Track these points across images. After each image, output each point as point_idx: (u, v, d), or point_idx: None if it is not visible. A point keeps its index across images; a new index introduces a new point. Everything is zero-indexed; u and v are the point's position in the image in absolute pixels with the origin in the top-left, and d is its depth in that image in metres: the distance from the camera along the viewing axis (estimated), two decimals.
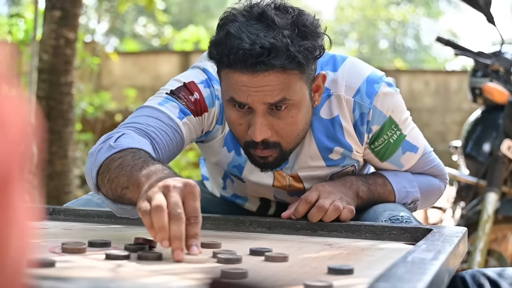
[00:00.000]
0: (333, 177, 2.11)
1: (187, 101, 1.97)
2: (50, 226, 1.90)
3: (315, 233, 1.84)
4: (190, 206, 1.39)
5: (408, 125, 2.09)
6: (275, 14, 1.78)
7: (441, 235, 1.59)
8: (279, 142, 1.88)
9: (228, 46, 1.76)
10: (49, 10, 5.18)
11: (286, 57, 1.74)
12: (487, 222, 3.50)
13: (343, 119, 2.00)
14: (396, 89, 2.05)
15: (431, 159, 2.19)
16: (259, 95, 1.78)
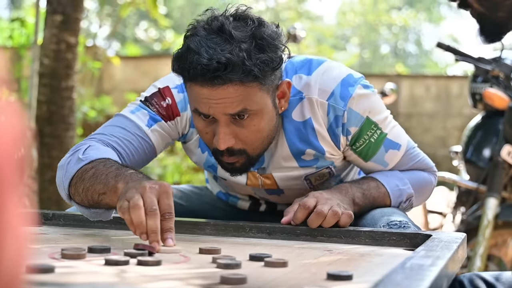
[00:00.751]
0: (308, 178, 2.16)
1: (158, 107, 2.07)
2: (49, 231, 1.90)
3: (315, 238, 1.84)
4: (164, 203, 1.58)
5: (388, 124, 2.11)
6: (234, 27, 1.83)
7: (440, 241, 1.59)
8: (245, 149, 1.93)
9: (188, 61, 1.82)
10: (50, 15, 5.19)
11: (242, 71, 1.79)
12: (487, 227, 3.51)
13: (315, 122, 2.04)
14: (373, 90, 2.08)
15: (415, 154, 2.20)
16: (219, 106, 1.84)
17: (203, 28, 1.86)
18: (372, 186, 2.08)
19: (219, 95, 1.83)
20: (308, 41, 23.50)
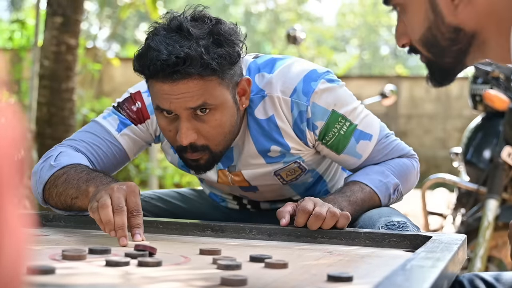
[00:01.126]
0: (278, 174, 2.18)
1: (129, 111, 2.16)
2: (50, 233, 1.90)
3: (315, 240, 1.84)
4: (131, 201, 1.72)
5: (358, 115, 2.12)
6: (192, 25, 1.90)
7: (440, 242, 1.59)
8: (207, 145, 1.97)
9: (148, 58, 1.88)
10: (50, 16, 5.19)
11: (200, 65, 1.85)
12: (488, 228, 3.51)
13: (278, 119, 2.07)
14: (339, 83, 2.10)
15: (389, 143, 2.19)
16: (180, 101, 1.89)
17: (163, 28, 1.93)
18: (356, 189, 2.06)
19: (179, 90, 1.88)
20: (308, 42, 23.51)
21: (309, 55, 24.41)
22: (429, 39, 1.40)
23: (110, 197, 1.70)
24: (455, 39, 1.37)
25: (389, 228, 1.92)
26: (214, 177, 2.23)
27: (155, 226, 1.99)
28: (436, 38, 1.39)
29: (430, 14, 1.37)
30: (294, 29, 6.06)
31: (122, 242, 1.64)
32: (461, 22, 1.36)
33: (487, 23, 1.35)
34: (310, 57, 24.48)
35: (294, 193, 2.32)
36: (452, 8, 1.35)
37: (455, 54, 1.40)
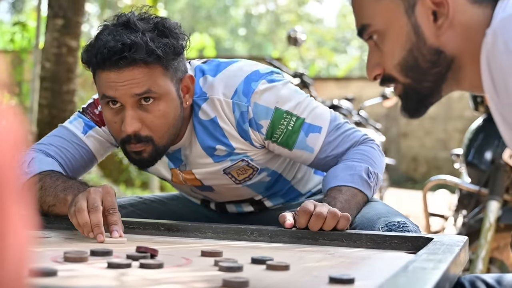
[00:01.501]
0: (228, 172, 2.22)
1: (92, 115, 2.24)
2: (52, 235, 1.90)
3: (316, 242, 1.84)
4: (107, 201, 1.82)
5: (305, 109, 2.13)
6: (138, 20, 2.00)
7: (442, 244, 1.59)
8: (151, 136, 2.03)
9: (96, 48, 1.98)
10: (51, 19, 5.20)
11: (145, 51, 1.94)
12: (489, 230, 3.51)
13: (220, 120, 2.12)
14: (280, 81, 2.14)
15: (342, 132, 2.18)
16: (125, 88, 1.96)
17: (111, 24, 2.03)
18: (334, 195, 2.04)
19: (125, 77, 1.95)
20: (309, 44, 23.52)
21: (310, 56, 24.41)
22: (409, 63, 1.41)
23: (86, 200, 1.80)
24: (436, 62, 1.39)
25: (389, 228, 1.92)
26: (168, 175, 2.30)
27: (157, 228, 1.99)
28: (417, 60, 1.40)
29: (412, 36, 1.39)
30: (295, 31, 6.06)
31: (99, 239, 1.74)
32: (442, 45, 1.38)
33: (465, 48, 1.37)
34: (310, 58, 24.50)
35: (254, 193, 2.35)
36: (435, 30, 1.37)
37: (434, 78, 1.42)
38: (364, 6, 1.44)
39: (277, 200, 2.38)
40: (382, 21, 1.42)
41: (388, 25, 1.41)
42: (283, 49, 26.11)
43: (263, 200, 2.37)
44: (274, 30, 30.58)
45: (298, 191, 2.39)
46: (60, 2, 5.21)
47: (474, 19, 1.35)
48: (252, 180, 2.27)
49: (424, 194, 4.28)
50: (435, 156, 14.05)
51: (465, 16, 1.35)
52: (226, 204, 2.41)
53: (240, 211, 2.41)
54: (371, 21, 1.43)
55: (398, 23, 1.40)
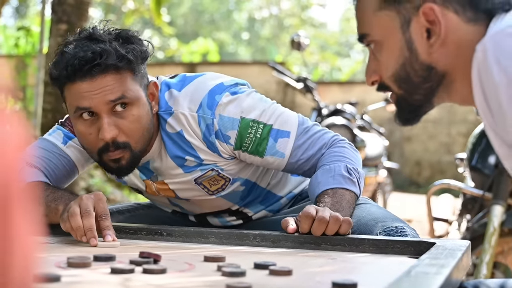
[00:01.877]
0: (200, 182, 2.23)
1: (70, 127, 2.25)
2: (55, 240, 1.91)
3: (319, 247, 1.84)
4: (100, 207, 1.88)
5: (271, 115, 2.15)
6: (102, 33, 2.05)
7: (444, 248, 1.59)
8: (128, 142, 2.04)
9: (65, 62, 1.99)
10: (55, 23, 5.21)
11: (116, 57, 1.99)
12: (493, 234, 3.50)
13: (186, 134, 2.14)
14: (244, 92, 2.16)
15: (311, 135, 2.18)
16: (100, 96, 1.98)
17: (73, 39, 2.06)
18: (323, 201, 2.03)
19: (98, 85, 1.98)
20: (312, 48, 23.52)
21: (313, 60, 24.41)
22: (401, 76, 1.45)
23: (79, 205, 1.85)
24: (427, 77, 1.43)
25: (387, 234, 1.92)
26: (142, 186, 2.31)
27: (160, 234, 2.00)
28: (409, 74, 1.44)
29: (405, 51, 1.42)
30: (298, 35, 6.07)
31: (92, 243, 1.80)
32: (433, 61, 1.41)
33: (456, 64, 1.40)
34: (314, 62, 24.50)
35: (230, 203, 2.35)
36: (427, 47, 1.40)
37: (425, 92, 1.45)
38: (364, 16, 1.48)
39: (257, 207, 2.38)
40: (379, 33, 1.46)
41: (384, 37, 1.45)
42: (286, 53, 26.12)
43: (241, 210, 2.37)
44: (277, 34, 30.60)
45: (277, 195, 2.39)
46: (64, 7, 5.22)
47: (468, 37, 1.38)
48: (226, 191, 2.28)
49: (428, 198, 4.27)
50: (438, 160, 14.04)
51: (459, 34, 1.38)
52: (206, 216, 2.41)
53: (223, 222, 2.41)
54: (369, 31, 1.47)
55: (393, 37, 1.43)
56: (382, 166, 6.91)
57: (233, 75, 2.28)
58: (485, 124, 1.34)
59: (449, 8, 1.37)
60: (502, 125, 1.29)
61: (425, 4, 1.38)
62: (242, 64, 16.31)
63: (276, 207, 2.38)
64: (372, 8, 1.46)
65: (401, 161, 13.48)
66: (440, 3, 1.37)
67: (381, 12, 1.44)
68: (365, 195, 6.30)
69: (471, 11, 1.38)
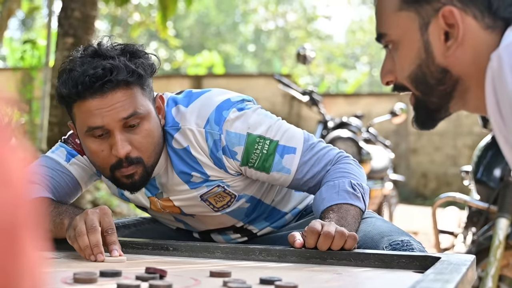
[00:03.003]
0: (205, 199, 2.23)
1: (73, 144, 2.26)
2: (61, 255, 1.92)
3: (325, 261, 1.85)
4: (105, 222, 1.87)
5: (277, 131, 2.15)
6: (107, 49, 2.03)
7: (449, 263, 1.60)
8: (141, 157, 2.04)
9: (74, 80, 1.97)
10: (61, 37, 5.23)
11: (127, 72, 1.98)
12: (499, 248, 3.50)
13: (193, 150, 2.14)
14: (250, 108, 2.17)
15: (316, 152, 2.19)
16: (112, 113, 1.98)
17: (78, 56, 2.03)
18: (328, 217, 2.02)
19: (110, 102, 1.97)
20: (318, 60, 23.54)
21: (319, 72, 24.44)
22: (418, 76, 1.46)
23: (84, 221, 1.85)
24: (442, 80, 1.43)
25: (393, 248, 1.92)
26: (147, 203, 2.30)
27: (165, 249, 2.00)
28: (425, 75, 1.44)
29: (422, 52, 1.43)
30: (304, 48, 6.08)
31: (99, 258, 1.80)
32: (449, 65, 1.41)
33: (471, 71, 1.40)
34: (320, 74, 24.52)
35: (235, 220, 2.35)
36: (444, 50, 1.40)
37: (440, 95, 1.46)
38: (384, 16, 1.48)
39: (262, 224, 2.38)
40: (398, 33, 1.46)
41: (402, 37, 1.45)
42: (292, 65, 26.15)
43: (246, 227, 2.37)
44: (283, 46, 30.64)
45: (282, 211, 2.38)
46: (70, 20, 5.24)
47: (484, 44, 1.38)
48: (231, 208, 2.27)
49: (433, 211, 4.27)
50: (445, 172, 14.02)
51: (476, 40, 1.38)
52: (210, 233, 2.41)
53: (228, 240, 2.41)
54: (387, 31, 1.48)
55: (411, 37, 1.43)
56: (388, 178, 6.91)
57: (239, 88, 2.31)
58: (497, 132, 1.35)
59: (468, 12, 1.38)
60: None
61: (445, 7, 1.38)
62: (248, 76, 16.33)
63: (281, 223, 2.38)
64: (392, 8, 1.46)
65: (407, 173, 13.48)
66: (460, 7, 1.37)
67: (401, 13, 1.45)
68: (371, 207, 6.31)
69: (489, 17, 1.38)
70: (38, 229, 0.63)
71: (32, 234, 0.62)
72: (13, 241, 0.59)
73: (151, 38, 27.47)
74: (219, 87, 2.27)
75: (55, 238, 1.99)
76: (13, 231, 0.59)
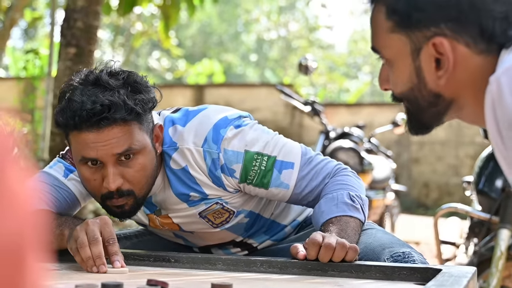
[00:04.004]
0: (204, 216, 2.23)
1: (71, 159, 2.21)
2: (63, 267, 1.92)
3: (326, 273, 1.85)
4: (106, 232, 1.88)
5: (274, 147, 2.16)
6: (109, 77, 2.01)
7: (450, 275, 1.60)
8: (132, 189, 2.05)
9: (72, 111, 1.96)
10: (64, 47, 5.24)
11: (125, 110, 1.96)
12: (500, 258, 3.50)
13: (191, 169, 2.14)
14: (246, 124, 2.17)
15: (314, 165, 2.19)
16: (107, 148, 1.98)
17: (79, 83, 2.01)
18: (328, 229, 2.02)
19: (105, 137, 1.97)
20: (320, 69, 23.56)
21: (321, 81, 24.46)
22: (410, 97, 1.47)
23: (85, 232, 1.85)
24: (435, 103, 1.45)
25: (394, 259, 1.92)
26: (145, 220, 2.31)
27: (167, 260, 2.00)
28: (417, 99, 1.46)
29: (414, 77, 1.44)
30: (306, 59, 6.08)
31: (102, 270, 1.81)
32: (441, 90, 1.42)
33: (466, 92, 1.41)
34: (321, 83, 24.54)
35: (234, 235, 2.34)
36: (435, 77, 1.41)
37: (433, 115, 1.47)
38: (377, 34, 1.49)
39: (261, 237, 2.38)
40: (390, 54, 1.46)
41: (395, 58, 1.46)
42: (294, 75, 26.17)
43: (246, 241, 2.37)
44: (285, 56, 30.67)
45: (281, 224, 2.38)
46: (72, 31, 5.25)
47: (479, 68, 1.38)
48: (230, 223, 2.28)
49: (435, 221, 4.27)
50: (446, 182, 14.02)
51: (469, 65, 1.39)
52: (211, 248, 2.41)
53: (228, 254, 2.39)
54: (381, 49, 1.48)
55: (403, 61, 1.44)
56: (389, 188, 6.92)
57: (241, 97, 2.31)
58: (497, 154, 1.35)
59: (460, 40, 1.38)
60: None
61: (435, 37, 1.39)
62: (250, 86, 16.35)
63: (281, 236, 2.38)
64: (384, 29, 1.46)
65: (409, 183, 13.47)
66: (451, 36, 1.38)
67: (393, 35, 1.45)
68: (373, 217, 6.31)
69: (483, 43, 1.38)
70: (41, 244, 0.64)
71: (36, 250, 0.62)
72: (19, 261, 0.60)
73: (153, 47, 27.52)
74: (221, 97, 2.28)
75: (56, 249, 1.99)
76: (19, 251, 0.60)
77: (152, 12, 17.72)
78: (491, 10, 1.37)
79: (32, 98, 9.84)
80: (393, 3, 1.44)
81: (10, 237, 0.59)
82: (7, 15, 10.44)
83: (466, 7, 1.37)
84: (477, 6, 1.37)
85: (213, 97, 13.93)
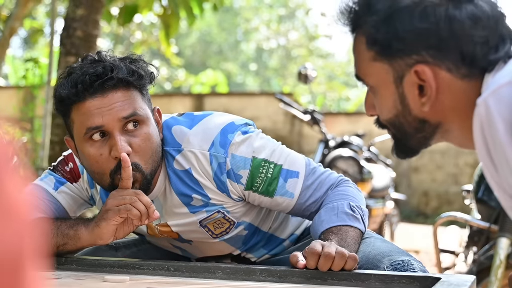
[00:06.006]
0: (204, 225, 2.21)
1: (63, 172, 2.24)
2: (62, 276, 1.92)
3: (325, 282, 1.85)
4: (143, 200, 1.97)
5: (280, 155, 2.15)
6: (105, 55, 2.06)
7: (449, 284, 1.60)
8: (139, 163, 2.03)
9: (73, 81, 1.99)
10: (63, 56, 5.25)
11: (127, 71, 2.01)
12: (499, 267, 3.50)
13: (195, 172, 2.13)
14: (254, 131, 2.17)
15: (318, 176, 2.19)
16: (112, 112, 1.99)
17: (78, 63, 2.05)
18: (328, 237, 2.03)
19: (109, 101, 1.98)
20: (320, 78, 23.58)
21: (321, 90, 24.47)
22: (395, 124, 1.48)
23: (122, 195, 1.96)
24: (421, 129, 1.46)
25: (394, 268, 1.92)
26: (144, 228, 2.29)
27: (167, 269, 2.00)
28: (403, 125, 1.47)
29: (398, 104, 1.45)
30: (305, 68, 6.10)
31: (156, 215, 1.98)
32: (426, 116, 1.43)
33: (452, 116, 1.42)
34: (321, 91, 24.55)
35: (232, 248, 2.33)
36: (419, 104, 1.43)
37: (420, 140, 1.49)
38: (360, 62, 1.51)
39: (260, 252, 2.36)
40: (374, 82, 1.48)
41: (378, 86, 1.47)
42: (293, 84, 26.19)
43: (244, 255, 2.35)
44: (285, 65, 30.70)
45: (280, 238, 2.36)
46: (72, 39, 5.27)
47: (462, 92, 1.40)
48: (229, 235, 2.26)
49: (434, 230, 4.27)
50: (446, 191, 14.02)
51: (453, 90, 1.40)
52: (208, 261, 2.37)
53: None
54: (364, 77, 1.50)
55: (387, 88, 1.45)
56: (389, 197, 6.92)
57: (241, 106, 2.32)
58: (488, 177, 1.36)
59: (442, 66, 1.39)
60: (506, 181, 1.30)
61: (417, 64, 1.39)
62: (249, 94, 16.35)
63: (279, 250, 2.36)
64: (366, 58, 1.47)
65: (408, 192, 13.47)
66: (432, 62, 1.39)
67: (375, 63, 1.46)
68: (373, 226, 6.31)
69: (465, 68, 1.39)
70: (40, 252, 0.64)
71: (35, 259, 0.62)
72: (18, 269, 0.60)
73: (153, 56, 27.54)
74: (221, 106, 2.29)
75: (71, 251, 2.02)
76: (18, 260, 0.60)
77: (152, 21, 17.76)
78: (471, 35, 1.38)
79: (31, 107, 9.84)
80: (373, 33, 1.44)
81: (8, 246, 0.59)
82: (6, 24, 10.46)
83: (445, 34, 1.38)
84: (456, 32, 1.38)
85: (213, 106, 13.92)
